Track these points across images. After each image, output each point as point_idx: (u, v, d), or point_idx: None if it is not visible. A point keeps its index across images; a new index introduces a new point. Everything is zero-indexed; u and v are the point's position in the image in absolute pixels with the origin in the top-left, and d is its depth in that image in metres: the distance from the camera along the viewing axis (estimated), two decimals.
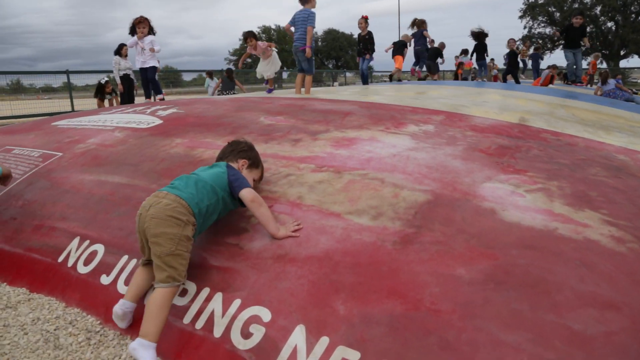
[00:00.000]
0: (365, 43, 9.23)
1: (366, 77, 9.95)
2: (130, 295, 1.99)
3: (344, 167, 2.55)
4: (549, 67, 12.75)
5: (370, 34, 9.18)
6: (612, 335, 1.41)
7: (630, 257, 1.73)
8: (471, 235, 1.88)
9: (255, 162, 2.35)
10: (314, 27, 5.76)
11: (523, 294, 1.57)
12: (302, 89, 6.07)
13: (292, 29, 5.90)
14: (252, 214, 2.10)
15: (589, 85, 12.86)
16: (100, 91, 8.90)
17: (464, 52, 14.74)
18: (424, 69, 11.92)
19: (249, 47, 6.69)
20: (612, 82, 10.45)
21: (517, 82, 12.05)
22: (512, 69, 12.44)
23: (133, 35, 6.88)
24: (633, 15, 34.43)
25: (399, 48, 11.30)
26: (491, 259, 1.74)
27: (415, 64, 11.71)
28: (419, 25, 11.05)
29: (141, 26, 6.75)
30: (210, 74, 13.95)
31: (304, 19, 5.74)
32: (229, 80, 12.38)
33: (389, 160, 2.61)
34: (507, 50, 12.41)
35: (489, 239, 1.85)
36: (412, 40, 11.25)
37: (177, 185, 2.02)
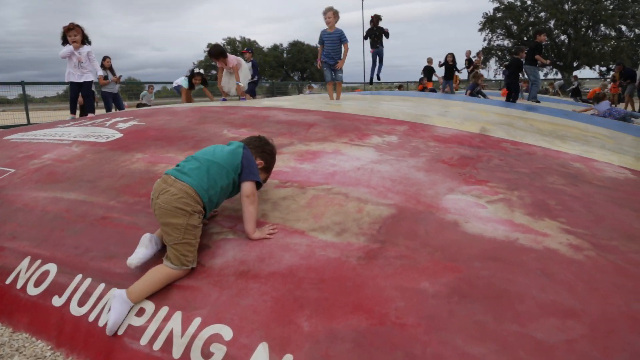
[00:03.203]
0: None
1: None
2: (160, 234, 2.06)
3: (308, 182, 2.53)
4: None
5: None
6: (573, 343, 1.43)
7: (588, 265, 1.77)
8: (435, 249, 1.88)
9: (268, 168, 2.35)
10: (321, 45, 6.49)
11: (487, 306, 1.58)
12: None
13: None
14: (241, 206, 2.12)
15: (613, 105, 11.33)
16: (190, 82, 8.25)
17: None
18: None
19: (219, 64, 6.69)
20: (605, 103, 9.85)
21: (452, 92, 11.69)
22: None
23: (65, 44, 5.79)
24: (583, 29, 35.96)
25: (428, 74, 13.06)
26: (455, 271, 1.74)
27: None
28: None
29: (72, 34, 5.67)
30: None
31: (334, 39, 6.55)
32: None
33: (353, 174, 2.60)
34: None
35: (452, 251, 1.86)
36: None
37: (187, 171, 2.03)
